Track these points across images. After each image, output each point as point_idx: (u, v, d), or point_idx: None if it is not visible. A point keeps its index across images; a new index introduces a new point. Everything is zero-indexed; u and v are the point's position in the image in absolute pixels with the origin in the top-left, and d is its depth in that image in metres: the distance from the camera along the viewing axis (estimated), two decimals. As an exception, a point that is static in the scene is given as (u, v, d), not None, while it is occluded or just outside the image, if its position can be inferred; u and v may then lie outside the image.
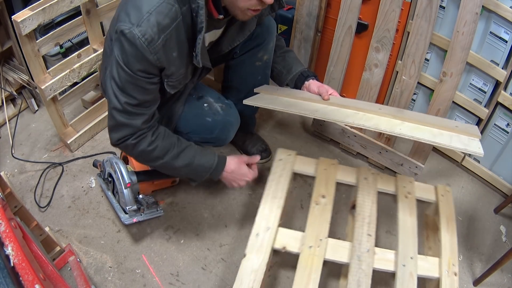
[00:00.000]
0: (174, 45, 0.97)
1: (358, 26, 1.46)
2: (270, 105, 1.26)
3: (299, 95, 1.32)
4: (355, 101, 1.30)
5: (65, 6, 1.37)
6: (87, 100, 1.82)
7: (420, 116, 1.21)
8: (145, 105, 1.03)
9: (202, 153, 1.17)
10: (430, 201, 1.30)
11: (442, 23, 1.43)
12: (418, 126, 1.13)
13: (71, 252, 1.27)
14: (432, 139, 1.06)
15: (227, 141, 1.33)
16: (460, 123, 1.18)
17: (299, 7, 1.63)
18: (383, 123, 1.14)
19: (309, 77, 1.33)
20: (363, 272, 1.09)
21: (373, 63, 1.43)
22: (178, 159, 1.11)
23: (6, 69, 1.81)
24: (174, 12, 0.93)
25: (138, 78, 0.97)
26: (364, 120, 1.15)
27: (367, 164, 1.67)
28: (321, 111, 1.20)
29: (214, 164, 1.18)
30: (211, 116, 1.24)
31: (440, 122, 1.16)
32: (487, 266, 1.26)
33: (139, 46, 0.91)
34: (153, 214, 1.31)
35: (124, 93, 0.99)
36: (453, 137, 1.08)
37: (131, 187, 1.25)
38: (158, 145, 1.07)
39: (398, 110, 1.25)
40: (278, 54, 1.41)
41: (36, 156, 1.65)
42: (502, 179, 1.55)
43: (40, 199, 1.49)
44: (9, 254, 0.72)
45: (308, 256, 1.12)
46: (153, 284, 1.26)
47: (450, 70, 1.27)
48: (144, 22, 0.90)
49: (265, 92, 1.38)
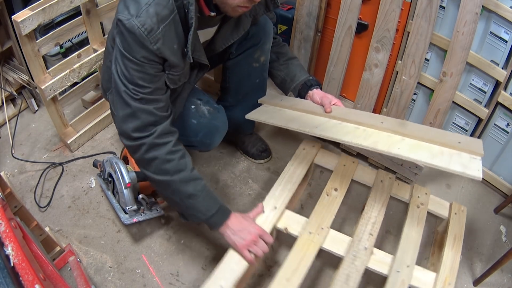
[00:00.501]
0: (174, 37, 0.97)
1: (358, 26, 1.46)
2: (271, 121, 1.26)
3: (302, 106, 1.32)
4: (357, 113, 1.28)
5: (65, 6, 1.37)
6: (87, 100, 1.82)
7: (422, 130, 1.16)
8: (158, 92, 0.99)
9: (210, 193, 1.07)
10: (441, 216, 1.29)
11: (442, 23, 1.43)
12: (418, 143, 1.10)
13: (71, 252, 1.27)
14: (429, 161, 1.02)
15: (212, 146, 1.29)
16: (464, 138, 1.12)
17: (299, 7, 1.63)
18: (382, 140, 1.12)
19: (313, 87, 1.32)
20: (354, 268, 1.09)
21: (373, 63, 1.43)
22: (186, 185, 1.02)
23: (6, 69, 1.81)
24: (171, 4, 0.94)
25: (143, 65, 0.94)
26: (363, 137, 1.13)
27: (367, 164, 1.67)
28: (321, 127, 1.20)
29: (216, 209, 1.07)
30: (196, 118, 1.22)
31: (442, 137, 1.12)
32: (487, 266, 1.26)
33: (139, 35, 0.90)
34: (153, 214, 1.31)
35: (132, 82, 0.95)
36: (453, 156, 1.04)
37: (131, 187, 1.25)
38: (175, 159, 1.00)
39: (400, 123, 1.20)
40: (281, 62, 1.39)
41: (36, 156, 1.65)
42: (502, 179, 1.55)
43: (40, 199, 1.49)
44: (9, 254, 0.72)
45: (306, 241, 1.15)
46: (153, 284, 1.26)
47: (450, 70, 1.28)
48: (143, 13, 0.90)
49: (268, 103, 1.38)
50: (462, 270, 1.34)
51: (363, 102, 1.52)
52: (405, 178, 1.58)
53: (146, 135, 0.97)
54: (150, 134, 0.97)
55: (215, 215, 1.07)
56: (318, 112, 1.27)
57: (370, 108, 1.52)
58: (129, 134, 0.98)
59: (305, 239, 1.15)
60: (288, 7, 1.85)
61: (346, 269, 1.09)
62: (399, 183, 1.36)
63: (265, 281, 1.22)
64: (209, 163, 1.64)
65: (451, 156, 1.04)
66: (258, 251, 1.07)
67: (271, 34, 1.35)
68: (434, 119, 1.38)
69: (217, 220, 1.07)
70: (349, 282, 1.05)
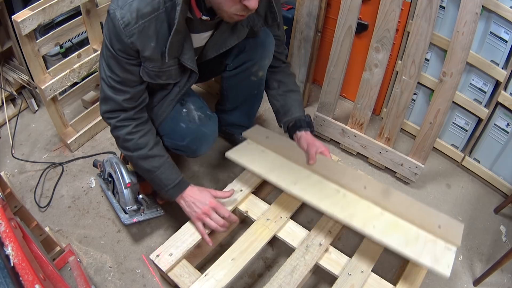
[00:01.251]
0: (153, 35, 0.98)
1: (358, 26, 1.46)
2: (250, 166, 1.25)
3: (286, 151, 1.29)
4: (341, 169, 1.24)
5: (65, 6, 1.37)
6: (87, 100, 1.82)
7: (405, 203, 1.12)
8: (127, 84, 1.06)
9: (169, 169, 1.14)
10: None
11: (442, 23, 1.43)
12: (396, 221, 1.08)
13: (71, 252, 1.27)
14: (401, 249, 1.00)
15: (198, 153, 1.25)
16: (447, 220, 1.08)
17: (299, 7, 1.63)
18: (359, 213, 1.09)
19: (302, 128, 1.29)
20: (303, 261, 1.10)
21: (373, 63, 1.43)
22: (144, 161, 1.13)
23: (6, 69, 1.81)
24: (157, 3, 0.96)
25: (118, 57, 1.00)
26: (340, 206, 1.11)
27: (367, 164, 1.67)
28: (301, 184, 1.17)
29: (173, 183, 1.14)
30: (186, 122, 1.20)
31: (424, 216, 1.08)
32: (487, 266, 1.26)
33: (117, 27, 0.95)
34: (153, 214, 1.31)
35: (109, 69, 1.04)
36: (427, 245, 1.02)
37: (131, 187, 1.25)
38: (134, 138, 1.11)
39: (384, 190, 1.15)
40: (280, 92, 1.36)
41: (36, 156, 1.65)
42: (502, 179, 1.55)
43: (40, 199, 1.49)
44: (9, 254, 0.72)
45: (261, 226, 1.18)
46: (153, 284, 1.26)
47: (450, 70, 1.27)
48: (127, 6, 0.94)
49: (253, 139, 1.35)
50: (462, 270, 1.34)
51: (363, 102, 1.52)
52: (405, 178, 1.58)
53: (112, 117, 1.10)
54: (115, 117, 1.10)
55: (172, 188, 1.15)
56: (302, 161, 1.25)
57: (370, 108, 1.52)
58: (102, 114, 1.12)
59: (261, 224, 1.18)
60: (288, 7, 1.86)
61: (295, 261, 1.10)
62: None
63: (265, 281, 1.22)
64: (208, 162, 1.64)
65: (425, 244, 1.03)
66: (210, 223, 1.14)
67: (271, 50, 1.30)
68: (434, 119, 1.38)
69: (172, 193, 1.16)
70: (294, 274, 1.06)
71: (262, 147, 1.32)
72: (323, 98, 1.63)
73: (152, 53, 1.01)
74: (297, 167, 1.24)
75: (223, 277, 1.06)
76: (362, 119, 1.57)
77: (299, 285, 1.07)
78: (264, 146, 1.32)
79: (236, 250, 1.12)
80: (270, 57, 1.31)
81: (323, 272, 1.14)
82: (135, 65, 1.04)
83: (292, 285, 1.05)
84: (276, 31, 1.30)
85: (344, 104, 1.93)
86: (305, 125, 1.30)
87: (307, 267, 1.09)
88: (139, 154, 1.12)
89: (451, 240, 1.03)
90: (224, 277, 1.06)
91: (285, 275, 1.07)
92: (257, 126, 1.43)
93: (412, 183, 1.59)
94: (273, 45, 1.30)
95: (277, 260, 1.33)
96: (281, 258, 1.33)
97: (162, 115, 1.20)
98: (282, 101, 1.35)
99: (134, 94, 1.08)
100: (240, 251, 1.11)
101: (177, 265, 1.11)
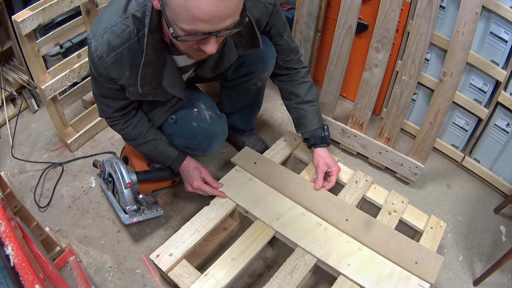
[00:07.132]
0: (126, 64, 0.99)
1: (358, 26, 1.46)
2: (236, 200, 1.26)
3: (274, 180, 1.31)
4: (327, 198, 1.25)
5: (65, 6, 1.37)
6: (87, 100, 1.82)
7: (385, 236, 1.14)
8: (114, 98, 1.12)
9: (165, 148, 1.26)
10: (416, 228, 1.24)
11: (442, 23, 1.43)
12: (373, 257, 1.10)
13: (71, 252, 1.27)
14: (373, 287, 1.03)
15: (209, 151, 1.29)
16: (426, 254, 1.10)
17: (299, 7, 1.63)
18: (337, 249, 1.12)
19: (316, 145, 1.33)
20: (303, 261, 1.10)
21: (373, 63, 1.43)
22: (141, 147, 1.26)
23: (6, 69, 1.81)
24: (128, 33, 0.95)
25: (99, 80, 1.05)
26: (319, 243, 1.14)
27: (367, 164, 1.67)
28: (283, 218, 1.20)
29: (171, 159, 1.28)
30: (197, 121, 1.21)
31: (403, 250, 1.10)
32: (487, 266, 1.26)
33: (93, 58, 0.98)
34: (153, 214, 1.31)
35: (95, 87, 1.12)
36: (400, 282, 1.04)
37: (131, 187, 1.25)
38: (127, 132, 1.22)
39: (366, 222, 1.18)
40: (293, 105, 1.35)
41: (36, 156, 1.65)
42: (502, 179, 1.55)
43: (40, 199, 1.49)
44: (9, 254, 0.72)
45: (261, 226, 1.19)
46: (153, 284, 1.26)
47: (450, 70, 1.27)
48: (99, 39, 0.95)
49: (241, 165, 1.37)
50: (462, 270, 1.34)
51: (363, 102, 1.52)
52: (405, 178, 1.58)
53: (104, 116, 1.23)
54: (106, 118, 1.23)
55: (172, 162, 1.29)
56: (287, 192, 1.27)
57: (370, 108, 1.52)
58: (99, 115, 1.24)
59: (261, 224, 1.19)
60: (288, 7, 1.86)
61: (295, 261, 1.11)
62: (376, 187, 1.35)
63: (265, 281, 1.22)
64: (209, 162, 1.64)
65: (398, 282, 1.05)
66: (200, 192, 1.30)
67: (272, 63, 1.28)
68: (434, 119, 1.37)
69: (174, 166, 1.31)
70: (294, 274, 1.07)
71: (249, 175, 1.35)
72: (323, 98, 1.63)
73: (128, 81, 1.02)
74: (282, 198, 1.27)
75: (223, 277, 1.06)
76: (362, 119, 1.57)
77: (299, 285, 1.07)
78: (252, 174, 1.34)
79: (236, 250, 1.12)
80: (270, 69, 1.30)
81: (323, 272, 1.14)
82: (118, 89, 1.08)
83: (292, 285, 1.05)
84: (278, 40, 1.25)
85: (344, 104, 1.93)
86: (318, 141, 1.33)
87: (307, 267, 1.10)
88: (135, 142, 1.25)
89: (425, 277, 1.06)
90: (224, 277, 1.06)
91: (285, 275, 1.07)
92: (246, 149, 1.45)
93: (412, 183, 1.59)
94: (274, 57, 1.27)
95: (277, 260, 1.33)
96: (281, 258, 1.33)
97: (160, 119, 1.24)
98: (296, 113, 1.36)
99: (122, 105, 1.16)
100: (240, 251, 1.12)
101: (177, 265, 1.11)
